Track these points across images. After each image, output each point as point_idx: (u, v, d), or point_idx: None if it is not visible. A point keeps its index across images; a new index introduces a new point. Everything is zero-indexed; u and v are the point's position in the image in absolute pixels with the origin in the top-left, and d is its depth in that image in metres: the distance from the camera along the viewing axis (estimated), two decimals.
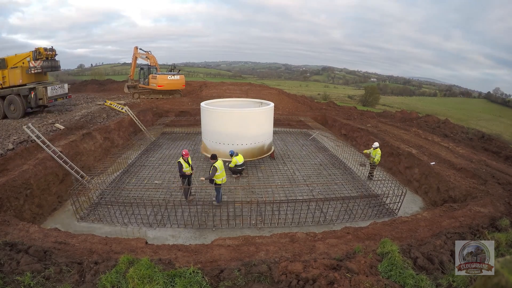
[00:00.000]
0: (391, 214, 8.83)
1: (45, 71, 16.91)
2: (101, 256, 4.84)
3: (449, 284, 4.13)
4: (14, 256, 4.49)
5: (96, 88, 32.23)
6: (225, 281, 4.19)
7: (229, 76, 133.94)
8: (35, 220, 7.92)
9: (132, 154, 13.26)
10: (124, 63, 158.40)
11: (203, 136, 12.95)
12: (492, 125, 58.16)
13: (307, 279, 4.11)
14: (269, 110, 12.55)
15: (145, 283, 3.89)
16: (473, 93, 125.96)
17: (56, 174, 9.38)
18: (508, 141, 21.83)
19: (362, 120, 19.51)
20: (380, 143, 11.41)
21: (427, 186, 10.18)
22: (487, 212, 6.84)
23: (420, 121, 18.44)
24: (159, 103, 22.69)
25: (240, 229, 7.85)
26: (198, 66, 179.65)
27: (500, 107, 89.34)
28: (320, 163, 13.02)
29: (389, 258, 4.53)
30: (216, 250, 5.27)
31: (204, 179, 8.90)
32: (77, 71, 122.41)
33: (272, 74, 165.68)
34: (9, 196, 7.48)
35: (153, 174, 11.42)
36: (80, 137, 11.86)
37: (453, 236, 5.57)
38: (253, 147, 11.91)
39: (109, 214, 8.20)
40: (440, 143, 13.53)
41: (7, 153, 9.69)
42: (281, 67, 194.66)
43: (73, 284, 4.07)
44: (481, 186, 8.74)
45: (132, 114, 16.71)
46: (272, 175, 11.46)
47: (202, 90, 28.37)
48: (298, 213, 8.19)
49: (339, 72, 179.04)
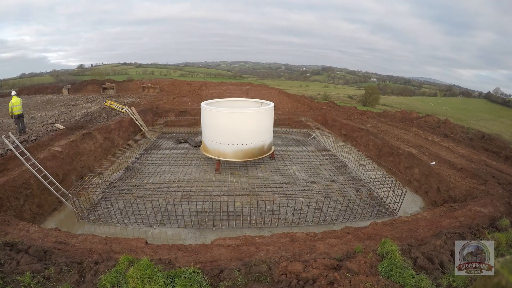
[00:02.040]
0: (391, 214, 8.83)
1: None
2: (101, 256, 4.84)
3: (449, 284, 4.13)
4: (14, 256, 4.49)
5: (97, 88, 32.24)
6: (225, 281, 4.19)
7: (229, 76, 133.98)
8: (35, 220, 7.92)
9: (132, 154, 13.27)
10: (124, 63, 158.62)
11: (203, 136, 12.95)
12: (492, 125, 58.16)
13: (307, 279, 4.11)
14: (269, 110, 12.55)
15: (145, 283, 3.89)
16: (473, 93, 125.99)
17: (56, 174, 9.38)
18: (508, 141, 21.81)
19: (362, 120, 19.51)
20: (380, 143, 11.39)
21: (427, 186, 10.18)
22: (487, 212, 6.84)
23: (420, 121, 18.43)
24: (159, 103, 22.70)
25: (240, 229, 7.85)
26: (198, 66, 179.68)
27: (500, 107, 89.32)
28: (320, 163, 13.01)
29: (389, 258, 4.53)
30: (216, 250, 5.27)
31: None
32: (77, 71, 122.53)
33: (272, 74, 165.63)
34: (9, 196, 7.49)
35: (153, 174, 11.42)
36: (80, 137, 11.86)
37: (453, 236, 5.57)
38: (253, 147, 11.91)
39: (109, 214, 8.21)
40: (440, 143, 13.53)
41: (7, 153, 9.69)
42: (281, 67, 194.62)
43: (73, 284, 4.07)
44: (481, 186, 8.73)
45: (132, 114, 16.71)
46: (272, 175, 11.46)
47: (202, 90, 28.39)
48: (298, 213, 8.19)
49: (339, 72, 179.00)
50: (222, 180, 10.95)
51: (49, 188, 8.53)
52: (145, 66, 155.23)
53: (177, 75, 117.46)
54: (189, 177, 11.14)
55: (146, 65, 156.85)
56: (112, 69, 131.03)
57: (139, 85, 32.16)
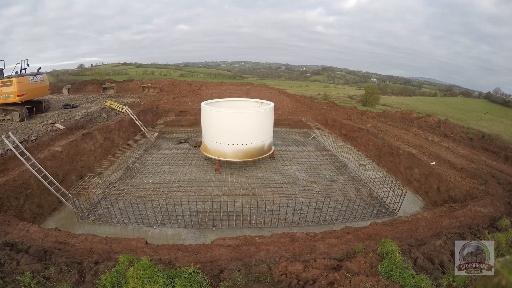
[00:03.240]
0: (391, 214, 8.83)
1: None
2: (101, 256, 4.84)
3: (449, 284, 4.12)
4: (14, 256, 4.48)
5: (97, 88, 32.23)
6: (225, 281, 4.19)
7: (229, 76, 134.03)
8: (35, 220, 7.93)
9: (132, 154, 13.28)
10: (124, 63, 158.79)
11: (203, 136, 12.95)
12: (492, 125, 58.17)
13: (307, 279, 4.11)
14: (269, 110, 12.55)
15: (145, 283, 3.88)
16: (473, 93, 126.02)
17: (57, 174, 9.38)
18: (508, 141, 21.81)
19: (362, 120, 19.50)
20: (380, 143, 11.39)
21: (427, 186, 10.18)
22: (487, 212, 6.84)
23: (420, 121, 18.40)
24: (159, 103, 22.69)
25: (240, 229, 7.85)
26: (198, 66, 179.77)
27: (500, 107, 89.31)
28: (320, 163, 13.01)
29: (389, 258, 4.53)
30: (216, 250, 5.27)
31: None
32: (77, 71, 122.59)
33: (272, 74, 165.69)
34: (9, 196, 7.49)
35: (153, 174, 11.42)
36: (81, 137, 11.86)
37: (453, 236, 5.56)
38: (253, 147, 11.91)
39: (109, 214, 8.21)
40: (440, 143, 13.52)
41: (7, 153, 9.69)
42: (281, 67, 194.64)
43: (73, 284, 4.07)
44: (481, 186, 8.73)
45: (132, 114, 16.71)
46: (272, 175, 11.45)
47: (202, 90, 28.38)
48: (298, 213, 8.19)
49: (339, 72, 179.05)
50: (222, 180, 10.95)
51: (49, 188, 8.51)
52: (145, 66, 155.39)
53: (177, 75, 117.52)
54: (189, 177, 11.14)
55: (146, 65, 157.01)
56: (112, 69, 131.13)
57: (139, 85, 32.11)
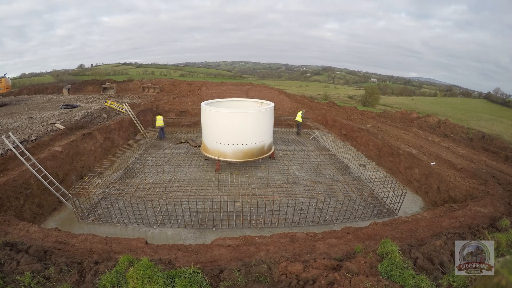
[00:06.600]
0: (391, 214, 8.83)
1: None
2: (101, 256, 4.84)
3: (449, 284, 4.12)
4: (14, 256, 4.48)
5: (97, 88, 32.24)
6: (225, 281, 4.19)
7: (229, 76, 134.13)
8: (35, 220, 7.93)
9: (132, 154, 13.28)
10: (124, 63, 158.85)
11: (203, 136, 12.95)
12: (492, 125, 58.16)
13: (307, 279, 4.10)
14: (269, 110, 12.55)
15: (145, 283, 3.88)
16: (473, 93, 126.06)
17: (57, 174, 9.38)
18: (508, 141, 21.82)
19: (362, 120, 19.50)
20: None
21: (427, 186, 10.18)
22: (487, 212, 6.84)
23: (420, 121, 18.40)
24: (159, 103, 22.69)
25: (240, 229, 7.85)
26: (198, 66, 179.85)
27: (500, 107, 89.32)
28: (320, 163, 13.02)
29: (389, 258, 4.52)
30: (216, 250, 5.27)
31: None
32: (77, 71, 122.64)
33: (273, 74, 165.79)
34: (9, 196, 7.49)
35: (153, 174, 11.42)
36: (81, 137, 11.86)
37: (453, 236, 5.56)
38: (253, 147, 11.91)
39: (109, 214, 8.21)
40: (440, 143, 13.52)
41: (7, 153, 9.69)
42: (281, 67, 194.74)
43: (73, 284, 4.07)
44: (481, 186, 8.73)
45: (132, 114, 16.71)
46: (272, 175, 11.46)
47: (202, 90, 28.36)
48: (298, 213, 8.19)
49: (339, 72, 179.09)
50: (222, 180, 10.96)
51: (49, 188, 8.50)
52: (145, 66, 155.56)
53: (177, 75, 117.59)
54: (189, 177, 11.14)
55: (146, 65, 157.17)
56: (112, 69, 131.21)
57: (139, 85, 32.12)
